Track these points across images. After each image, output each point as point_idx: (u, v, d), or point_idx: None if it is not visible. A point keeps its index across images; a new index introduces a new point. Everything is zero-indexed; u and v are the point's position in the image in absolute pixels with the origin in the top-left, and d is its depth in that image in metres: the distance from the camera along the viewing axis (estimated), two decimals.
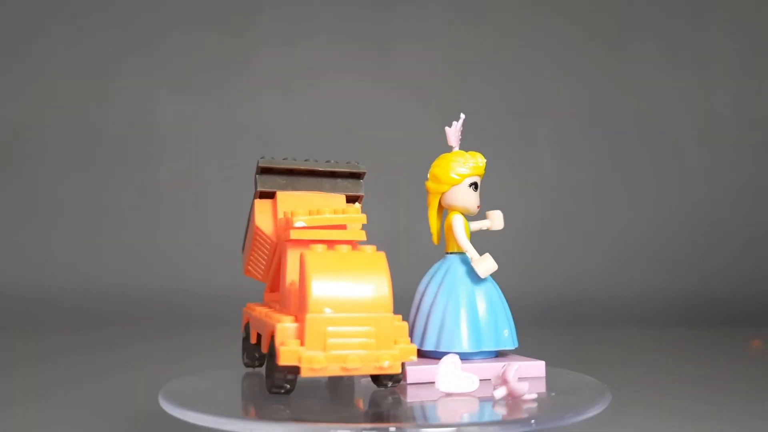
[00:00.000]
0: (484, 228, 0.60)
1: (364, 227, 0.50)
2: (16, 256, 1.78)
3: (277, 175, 0.55)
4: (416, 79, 1.92)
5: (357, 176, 0.57)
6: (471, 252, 0.57)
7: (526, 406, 0.46)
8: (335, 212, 0.48)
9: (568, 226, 1.85)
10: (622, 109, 1.93)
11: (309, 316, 0.42)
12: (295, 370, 0.43)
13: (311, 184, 0.55)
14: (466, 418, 0.45)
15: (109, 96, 1.90)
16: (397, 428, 0.39)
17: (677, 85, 1.94)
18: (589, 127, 1.92)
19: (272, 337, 0.44)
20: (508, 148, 1.90)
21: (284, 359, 0.41)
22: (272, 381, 0.43)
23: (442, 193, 0.57)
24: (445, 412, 0.46)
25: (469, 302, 0.56)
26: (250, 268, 0.58)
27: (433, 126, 2.03)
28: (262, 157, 0.54)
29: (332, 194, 0.55)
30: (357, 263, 0.44)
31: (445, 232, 0.58)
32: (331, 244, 0.48)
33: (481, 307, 0.57)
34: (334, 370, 0.42)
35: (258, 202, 0.54)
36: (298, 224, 0.47)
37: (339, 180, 0.56)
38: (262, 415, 0.43)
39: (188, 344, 1.31)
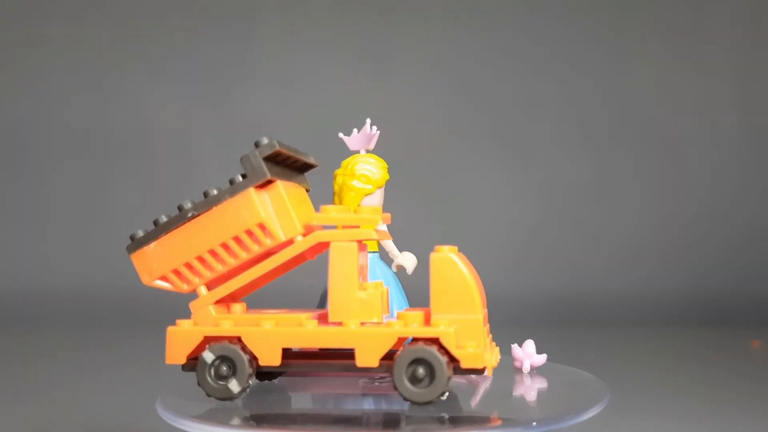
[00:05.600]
0: None
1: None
2: (14, 255, 1.78)
3: (273, 162, 0.47)
4: (416, 78, 1.92)
5: (308, 169, 0.55)
6: (395, 251, 0.59)
7: (527, 405, 0.47)
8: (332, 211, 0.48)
9: (569, 225, 1.85)
10: (625, 108, 1.92)
11: (479, 318, 0.43)
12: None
13: (286, 174, 0.50)
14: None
15: (109, 96, 1.89)
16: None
17: (679, 85, 1.93)
18: (592, 127, 1.92)
19: (391, 348, 0.44)
20: (510, 146, 1.89)
21: (479, 362, 0.42)
22: (441, 388, 0.42)
23: (366, 194, 0.58)
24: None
25: (398, 298, 0.58)
26: (174, 275, 0.48)
27: (432, 124, 2.03)
28: (272, 140, 0.46)
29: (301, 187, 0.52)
30: (466, 264, 0.46)
31: None
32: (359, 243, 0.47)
33: (402, 301, 0.58)
34: (491, 369, 0.44)
35: (256, 193, 0.46)
36: (382, 226, 0.47)
37: (296, 172, 0.53)
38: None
39: None
